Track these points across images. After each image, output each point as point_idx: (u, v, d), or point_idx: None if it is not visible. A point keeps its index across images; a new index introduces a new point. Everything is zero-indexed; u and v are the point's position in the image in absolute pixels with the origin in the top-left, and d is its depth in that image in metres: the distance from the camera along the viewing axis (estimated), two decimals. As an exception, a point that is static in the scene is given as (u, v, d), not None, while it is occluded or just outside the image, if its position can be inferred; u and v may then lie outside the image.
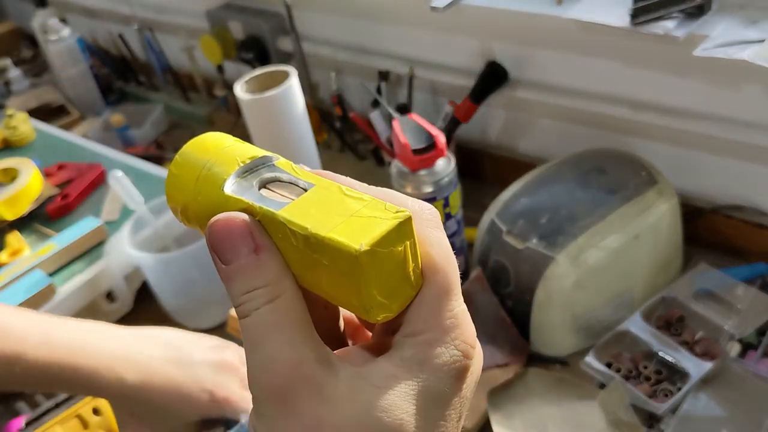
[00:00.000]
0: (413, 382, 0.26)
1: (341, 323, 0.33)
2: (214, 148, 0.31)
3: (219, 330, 0.94)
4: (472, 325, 0.28)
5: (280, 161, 0.31)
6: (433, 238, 0.28)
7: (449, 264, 0.28)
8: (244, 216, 0.27)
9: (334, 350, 0.32)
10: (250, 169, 0.30)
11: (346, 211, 0.27)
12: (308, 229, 0.26)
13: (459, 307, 0.28)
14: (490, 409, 0.74)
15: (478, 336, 0.29)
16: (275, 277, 0.27)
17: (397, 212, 0.27)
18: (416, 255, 0.27)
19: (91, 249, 0.97)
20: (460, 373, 0.27)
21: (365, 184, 0.29)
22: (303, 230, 0.26)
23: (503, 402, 0.75)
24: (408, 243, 0.27)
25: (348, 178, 0.30)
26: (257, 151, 0.31)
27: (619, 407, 0.71)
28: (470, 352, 0.27)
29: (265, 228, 0.28)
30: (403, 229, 0.26)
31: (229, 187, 0.29)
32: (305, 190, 0.29)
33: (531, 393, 0.77)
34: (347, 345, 0.33)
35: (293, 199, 0.28)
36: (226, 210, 0.28)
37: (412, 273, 0.27)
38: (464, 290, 0.90)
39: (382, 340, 0.29)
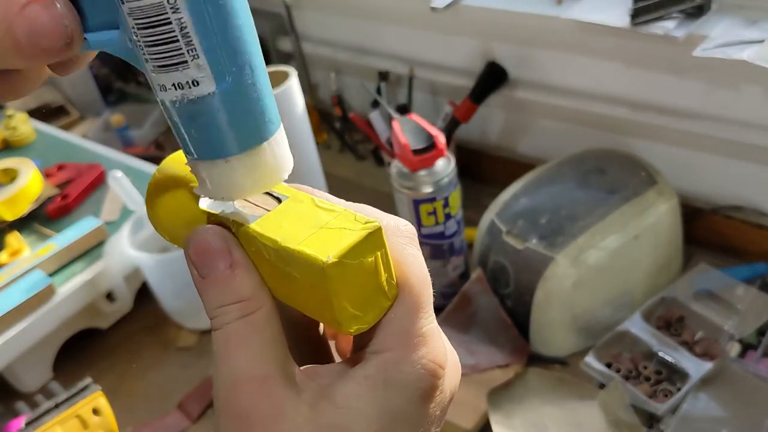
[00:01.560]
0: (376, 401, 0.26)
1: (321, 326, 0.34)
2: None
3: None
4: (443, 344, 0.28)
5: None
6: (407, 255, 0.28)
7: (422, 282, 0.28)
8: (222, 231, 0.28)
9: (313, 354, 0.32)
10: None
11: (317, 223, 0.27)
12: (278, 242, 0.26)
13: (429, 326, 0.28)
14: (490, 409, 0.74)
15: (478, 337, 0.29)
16: (250, 293, 0.27)
17: (366, 223, 0.26)
18: (389, 265, 0.27)
19: (91, 249, 0.97)
20: (426, 393, 0.27)
21: (342, 200, 0.29)
22: (273, 243, 0.26)
23: (503, 402, 0.75)
24: (379, 254, 0.27)
25: (324, 192, 0.30)
26: None
27: (619, 407, 0.71)
28: (438, 371, 0.27)
29: (240, 242, 0.28)
30: (373, 239, 0.26)
31: (205, 201, 0.30)
32: (279, 201, 0.29)
33: (531, 393, 0.76)
34: (328, 349, 0.33)
35: (268, 210, 0.28)
36: (202, 223, 0.29)
37: (385, 283, 0.27)
38: (464, 291, 0.90)
39: (355, 353, 0.29)
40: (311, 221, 0.27)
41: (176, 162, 0.32)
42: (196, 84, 0.25)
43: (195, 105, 0.25)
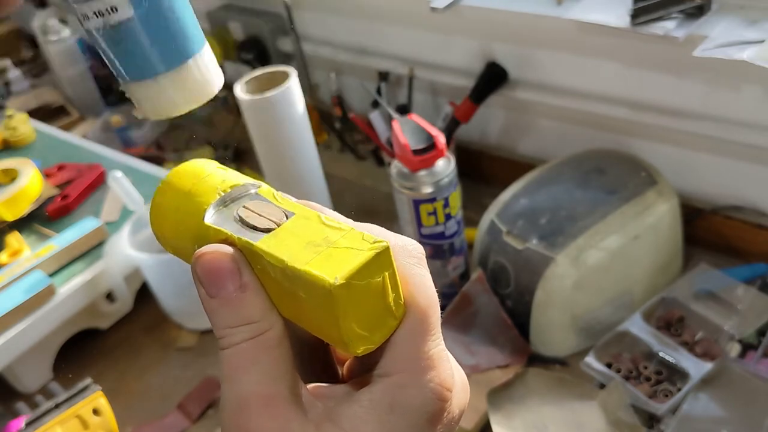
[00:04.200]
0: (382, 425, 0.26)
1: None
2: (196, 177, 0.31)
3: (219, 330, 0.94)
4: (451, 366, 0.28)
5: (262, 189, 0.31)
6: (415, 275, 0.28)
7: (430, 303, 0.28)
8: (232, 251, 0.27)
9: (320, 373, 0.31)
10: (232, 198, 0.30)
11: (324, 242, 0.27)
12: (284, 262, 0.26)
13: (436, 348, 0.27)
14: (490, 409, 0.74)
15: (478, 337, 0.28)
16: (259, 316, 0.27)
17: (374, 243, 0.26)
18: (396, 285, 0.27)
19: (91, 249, 0.97)
20: (433, 417, 0.27)
21: (350, 220, 0.29)
22: (279, 262, 0.26)
23: (503, 402, 0.75)
24: (387, 274, 0.26)
25: (331, 211, 0.29)
26: (239, 179, 0.31)
27: (619, 407, 0.71)
28: (445, 394, 0.27)
29: (247, 259, 0.28)
30: (381, 260, 0.26)
31: (210, 217, 0.29)
32: (286, 215, 0.29)
33: (531, 393, 0.76)
34: (335, 368, 0.33)
35: (273, 222, 0.28)
36: (207, 240, 0.28)
37: (393, 303, 0.27)
38: (464, 291, 0.90)
39: (362, 375, 0.29)
40: (318, 240, 0.27)
41: (182, 175, 0.31)
42: (114, 10, 0.28)
43: (116, 30, 0.28)
